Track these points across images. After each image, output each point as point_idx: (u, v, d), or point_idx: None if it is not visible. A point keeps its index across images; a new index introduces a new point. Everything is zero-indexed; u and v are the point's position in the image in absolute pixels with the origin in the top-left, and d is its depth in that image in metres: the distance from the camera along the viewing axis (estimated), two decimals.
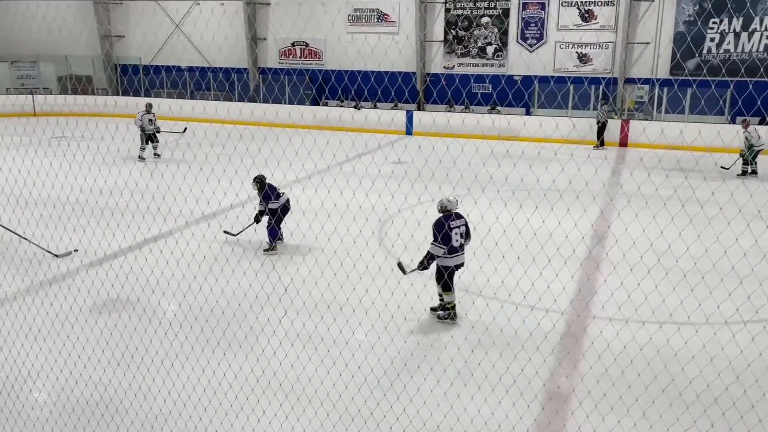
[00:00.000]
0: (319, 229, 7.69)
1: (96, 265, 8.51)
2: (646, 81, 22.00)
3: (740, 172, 15.70)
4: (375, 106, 23.95)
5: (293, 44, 26.50)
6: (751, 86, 19.80)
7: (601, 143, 20.17)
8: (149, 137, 17.13)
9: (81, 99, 24.83)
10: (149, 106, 17.20)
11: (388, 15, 24.84)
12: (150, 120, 17.03)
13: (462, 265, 7.01)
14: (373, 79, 23.02)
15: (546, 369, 5.82)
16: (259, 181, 9.16)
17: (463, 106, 23.57)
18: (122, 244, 8.93)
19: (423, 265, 6.81)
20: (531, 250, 7.75)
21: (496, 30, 23.58)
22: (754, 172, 15.70)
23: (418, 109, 24.06)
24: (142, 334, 6.37)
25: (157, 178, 12.10)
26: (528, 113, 22.74)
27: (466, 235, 7.02)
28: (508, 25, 23.34)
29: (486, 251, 8.21)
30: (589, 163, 15.77)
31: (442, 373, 5.59)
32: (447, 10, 24.07)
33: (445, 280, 6.76)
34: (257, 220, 9.10)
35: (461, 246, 6.94)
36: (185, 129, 17.56)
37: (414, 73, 24.57)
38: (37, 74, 27.66)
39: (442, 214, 6.83)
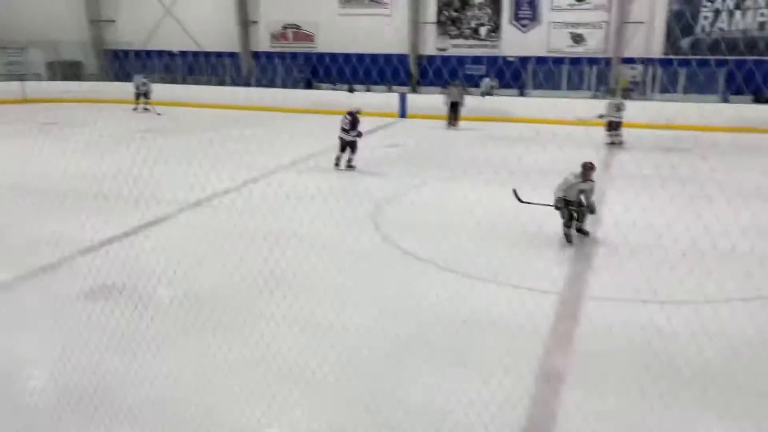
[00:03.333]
0: (314, 213, 7.64)
1: (89, 252, 8.42)
2: (641, 61, 21.92)
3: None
4: (369, 89, 23.80)
5: (285, 27, 26.28)
6: (748, 65, 19.75)
7: (455, 119, 19.23)
8: (140, 95, 22.17)
9: (73, 85, 24.64)
10: (143, 77, 22.82)
11: None
12: (144, 83, 22.18)
13: (344, 141, 12.89)
14: (366, 61, 22.85)
15: (543, 349, 5.80)
16: None
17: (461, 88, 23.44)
18: (116, 231, 8.86)
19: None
20: (528, 231, 7.73)
21: (489, 11, 23.41)
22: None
23: (413, 91, 23.93)
24: (137, 321, 6.33)
25: (150, 163, 12.01)
26: (522, 95, 22.66)
27: (350, 126, 12.77)
28: (501, 5, 23.17)
29: (482, 233, 8.19)
30: (586, 144, 15.72)
31: (440, 355, 5.57)
32: None
33: None
34: None
35: (342, 129, 12.85)
36: (160, 113, 20.78)
37: (407, 55, 24.40)
38: (25, 60, 27.36)
39: None
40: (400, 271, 7.24)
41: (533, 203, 8.47)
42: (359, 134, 12.95)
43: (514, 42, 23.17)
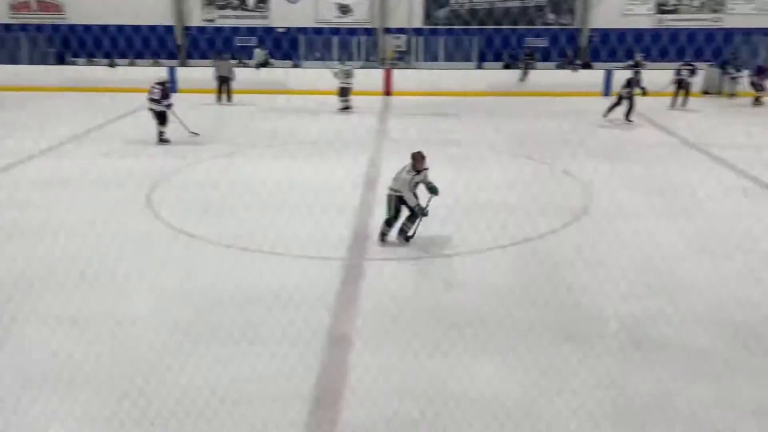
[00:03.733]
0: (81, 200, 7.00)
1: None
2: (404, 31, 23.07)
3: None
4: (132, 63, 22.20)
5: None
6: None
7: (227, 95, 18.12)
8: None
9: None
10: None
11: None
12: None
13: (155, 112, 12.44)
14: (127, 33, 21.26)
15: (329, 315, 5.93)
16: None
17: (236, 61, 22.74)
18: None
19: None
20: (306, 200, 7.82)
21: None
22: None
23: (181, 65, 22.76)
24: None
25: None
26: (296, 66, 22.67)
27: (161, 95, 12.37)
28: None
29: (262, 207, 8.13)
30: (356, 113, 16.24)
31: (223, 335, 5.44)
32: None
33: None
34: None
35: (152, 99, 12.40)
36: None
37: (173, 26, 23.14)
38: None
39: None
40: (176, 253, 6.93)
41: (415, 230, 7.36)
42: (170, 105, 12.55)
43: (283, 13, 23.01)
